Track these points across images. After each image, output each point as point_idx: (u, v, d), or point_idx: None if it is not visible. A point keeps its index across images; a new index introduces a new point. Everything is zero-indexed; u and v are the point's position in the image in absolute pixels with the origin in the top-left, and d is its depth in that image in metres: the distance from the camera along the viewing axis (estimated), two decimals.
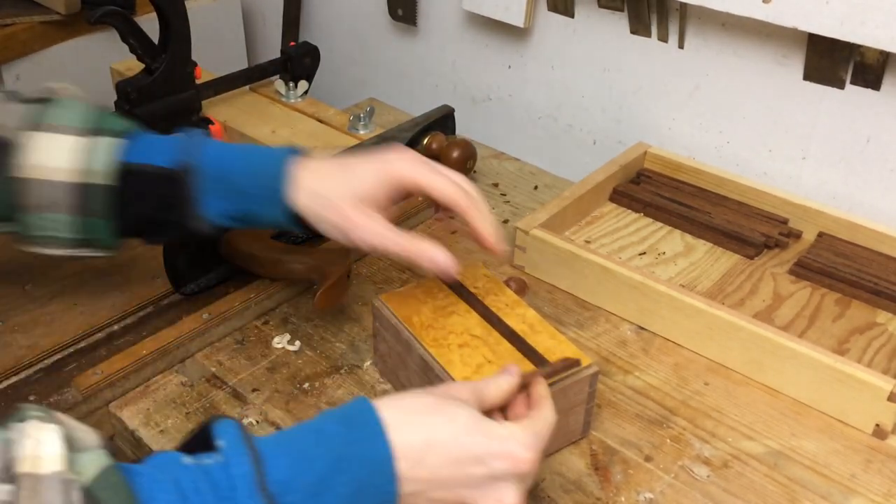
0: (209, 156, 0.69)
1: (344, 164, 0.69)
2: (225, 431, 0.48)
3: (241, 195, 0.69)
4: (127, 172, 0.69)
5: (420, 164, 0.68)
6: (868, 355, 0.80)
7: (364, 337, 0.83)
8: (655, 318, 0.83)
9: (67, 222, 0.69)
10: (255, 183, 0.68)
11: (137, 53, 1.02)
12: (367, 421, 0.51)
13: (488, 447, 0.52)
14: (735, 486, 0.68)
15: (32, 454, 0.43)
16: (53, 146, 0.67)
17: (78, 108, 0.70)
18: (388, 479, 0.50)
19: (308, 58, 1.22)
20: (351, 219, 0.66)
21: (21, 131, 0.68)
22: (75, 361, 0.78)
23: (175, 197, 0.69)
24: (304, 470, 0.48)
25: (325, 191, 0.67)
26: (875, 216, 0.95)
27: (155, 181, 0.69)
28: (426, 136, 1.04)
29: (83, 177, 0.67)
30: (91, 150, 0.68)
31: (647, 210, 1.00)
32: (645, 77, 1.08)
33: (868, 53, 0.88)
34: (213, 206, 0.69)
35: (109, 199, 0.68)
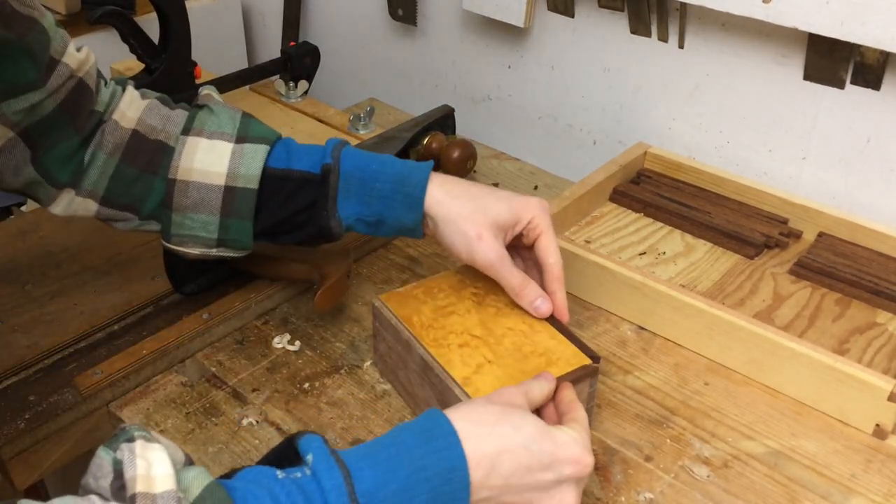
0: (351, 159, 0.73)
1: (479, 190, 0.73)
2: (311, 445, 0.51)
3: (380, 199, 0.72)
4: (271, 177, 0.73)
5: (546, 213, 0.73)
6: (868, 355, 0.80)
7: (364, 337, 0.83)
8: (655, 318, 0.83)
9: (212, 223, 0.73)
10: (396, 188, 0.71)
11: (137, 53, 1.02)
12: (442, 433, 0.53)
13: (555, 454, 0.55)
14: (735, 486, 0.68)
15: (145, 474, 0.45)
16: (212, 152, 0.72)
17: (228, 115, 0.74)
18: (463, 486, 0.52)
19: (308, 58, 1.22)
20: (483, 237, 0.70)
21: (183, 136, 0.73)
22: (75, 361, 0.78)
23: (314, 200, 0.73)
24: (388, 481, 0.51)
25: (462, 206, 0.71)
26: (875, 216, 0.95)
27: (296, 185, 0.73)
28: (426, 136, 1.04)
29: (232, 180, 0.72)
30: (241, 156, 0.72)
31: (647, 210, 1.00)
32: (645, 77, 1.08)
33: (868, 53, 0.88)
34: (350, 208, 0.73)
35: (252, 202, 0.72)
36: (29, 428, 0.71)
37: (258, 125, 0.75)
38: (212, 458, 0.70)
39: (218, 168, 0.72)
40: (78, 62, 0.70)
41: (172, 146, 0.73)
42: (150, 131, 0.73)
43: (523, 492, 0.55)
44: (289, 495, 0.48)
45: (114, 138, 0.72)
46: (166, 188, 0.72)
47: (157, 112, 0.74)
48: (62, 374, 0.77)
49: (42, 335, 0.81)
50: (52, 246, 0.93)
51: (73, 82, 0.69)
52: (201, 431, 0.72)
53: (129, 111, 0.74)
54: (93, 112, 0.72)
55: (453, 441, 0.53)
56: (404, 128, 1.05)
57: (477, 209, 0.70)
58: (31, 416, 0.72)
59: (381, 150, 0.99)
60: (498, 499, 0.54)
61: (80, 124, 0.71)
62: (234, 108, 0.76)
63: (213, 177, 0.72)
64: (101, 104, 0.73)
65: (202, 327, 0.80)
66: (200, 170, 0.72)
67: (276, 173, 0.73)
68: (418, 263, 0.95)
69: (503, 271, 0.70)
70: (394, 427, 0.55)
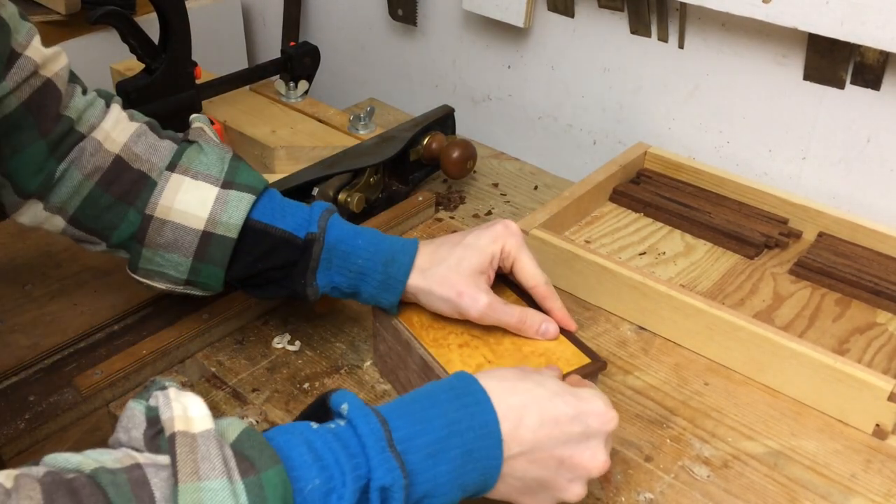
0: (336, 232, 0.72)
1: (451, 245, 0.72)
2: (345, 398, 0.52)
3: (359, 275, 0.71)
4: (251, 229, 0.71)
5: (516, 237, 0.72)
6: (868, 355, 0.80)
7: (364, 337, 0.83)
8: (655, 318, 0.83)
9: (183, 264, 0.71)
10: (378, 268, 0.70)
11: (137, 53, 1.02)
12: (472, 389, 0.54)
13: (580, 406, 0.56)
14: (735, 487, 0.68)
15: (183, 415, 0.45)
16: (195, 193, 0.70)
17: (217, 156, 0.72)
18: (495, 441, 0.53)
19: (308, 58, 1.22)
20: (463, 292, 0.69)
21: (167, 172, 0.70)
22: (75, 361, 0.78)
23: (293, 262, 0.71)
24: (422, 432, 0.51)
25: (439, 271, 0.70)
26: (875, 216, 0.95)
27: (276, 243, 0.71)
28: (426, 136, 1.04)
29: (212, 226, 0.70)
30: (225, 202, 0.70)
31: (647, 210, 1.00)
32: (645, 77, 1.08)
33: (868, 53, 0.88)
34: (328, 278, 0.72)
35: (229, 251, 0.70)
36: (29, 428, 0.71)
37: (246, 171, 0.72)
38: None
39: (199, 212, 0.69)
40: (44, 58, 0.67)
41: (155, 180, 0.71)
42: (134, 159, 0.71)
43: (553, 447, 0.55)
44: (325, 442, 0.48)
45: (94, 160, 0.70)
46: (141, 222, 0.70)
47: (143, 140, 0.72)
48: (62, 374, 0.77)
49: (42, 335, 0.81)
50: (52, 246, 0.93)
51: (38, 81, 0.66)
52: None
53: (115, 133, 0.71)
54: (60, 116, 0.69)
55: (483, 398, 0.54)
56: (404, 128, 1.05)
57: (449, 271, 0.69)
58: (31, 416, 0.72)
59: (381, 150, 0.99)
60: (530, 456, 0.54)
61: (45, 128, 0.67)
62: (224, 148, 0.73)
63: (192, 220, 0.69)
64: (73, 110, 0.70)
65: (202, 327, 0.80)
66: (180, 210, 0.69)
67: (257, 226, 0.71)
68: None
69: (497, 316, 0.69)
70: None
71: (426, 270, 0.70)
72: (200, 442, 0.44)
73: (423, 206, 1.01)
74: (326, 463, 0.48)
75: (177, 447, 0.43)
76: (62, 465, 0.43)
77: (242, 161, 0.73)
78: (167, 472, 0.43)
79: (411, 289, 0.71)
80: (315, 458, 0.48)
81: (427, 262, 0.71)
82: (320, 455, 0.48)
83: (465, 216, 1.04)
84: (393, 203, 1.01)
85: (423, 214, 1.02)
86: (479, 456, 0.52)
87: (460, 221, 1.03)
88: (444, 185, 1.10)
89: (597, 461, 0.56)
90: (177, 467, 0.43)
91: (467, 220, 1.03)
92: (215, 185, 0.70)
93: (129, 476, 0.43)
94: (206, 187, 0.70)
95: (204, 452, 0.43)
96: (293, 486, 0.46)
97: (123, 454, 0.45)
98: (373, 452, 0.49)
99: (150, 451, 0.45)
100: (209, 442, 0.44)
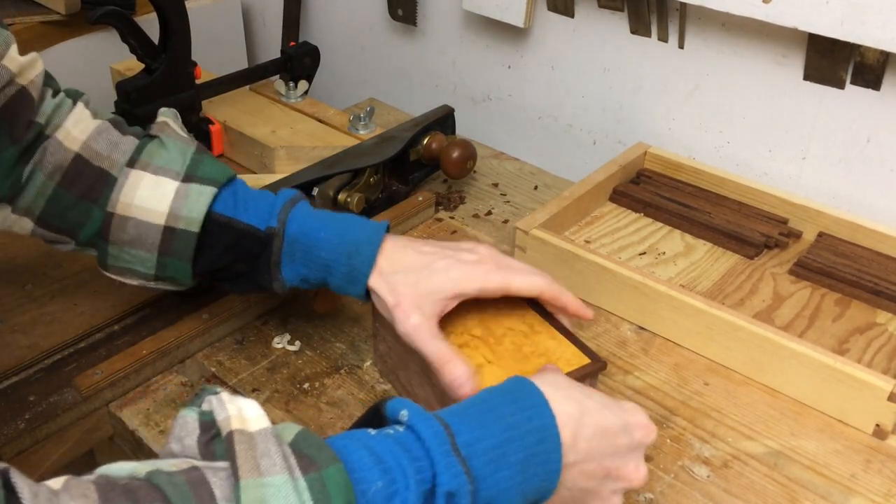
0: (297, 224, 0.70)
1: (421, 259, 0.68)
2: (403, 405, 0.50)
3: (323, 267, 0.70)
4: (213, 222, 0.70)
5: (494, 273, 0.68)
6: (868, 355, 0.80)
7: (364, 337, 0.83)
8: (655, 318, 0.83)
9: (149, 260, 0.71)
10: (341, 260, 0.69)
11: (137, 53, 1.02)
12: (529, 393, 0.53)
13: (626, 418, 0.57)
14: (735, 486, 0.68)
15: (238, 415, 0.44)
16: (155, 189, 0.69)
17: (179, 150, 0.71)
18: (555, 446, 0.52)
19: (308, 58, 1.22)
20: (403, 319, 0.66)
21: (127, 168, 0.70)
22: (75, 361, 0.78)
23: (257, 255, 0.71)
24: (483, 437, 0.50)
25: (395, 281, 0.68)
26: (875, 216, 0.95)
27: (239, 236, 0.71)
28: (426, 136, 1.04)
29: (173, 221, 0.69)
30: (185, 196, 0.69)
31: (647, 210, 1.00)
32: (645, 77, 1.08)
33: (868, 53, 0.88)
34: (294, 271, 0.71)
35: (192, 245, 0.70)
36: (29, 428, 0.71)
37: (209, 164, 0.71)
38: None
39: (159, 207, 0.69)
40: (20, 66, 0.66)
41: (115, 176, 0.70)
42: (94, 157, 0.70)
43: (603, 458, 0.55)
44: (386, 446, 0.47)
45: (54, 159, 0.69)
46: (104, 220, 0.70)
47: (105, 136, 0.71)
48: (62, 374, 0.77)
49: (42, 335, 0.81)
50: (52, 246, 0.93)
51: (12, 89, 0.66)
52: None
53: (75, 131, 0.70)
54: (31, 123, 0.68)
55: (541, 401, 0.53)
56: (404, 128, 1.05)
57: (409, 282, 0.67)
58: (31, 416, 0.72)
59: (381, 150, 0.99)
60: (583, 466, 0.54)
61: (17, 135, 0.67)
62: (187, 142, 0.73)
63: (152, 215, 0.69)
64: (42, 115, 0.69)
65: (202, 327, 0.80)
66: (141, 206, 0.69)
67: (219, 219, 0.70)
68: None
69: (422, 345, 0.65)
70: None
71: (385, 274, 0.68)
72: (259, 439, 0.43)
73: (423, 206, 1.01)
74: (388, 466, 0.46)
75: (235, 444, 0.42)
76: (115, 474, 0.42)
77: (206, 154, 0.73)
78: (226, 472, 0.42)
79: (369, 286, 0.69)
80: (376, 460, 0.46)
81: (388, 264, 0.69)
82: (382, 458, 0.46)
83: (465, 216, 1.04)
84: (393, 203, 1.01)
85: (423, 214, 1.02)
86: (540, 461, 0.51)
87: (460, 221, 1.03)
88: (444, 185, 1.10)
89: (640, 473, 0.57)
90: (237, 464, 0.41)
91: (467, 220, 1.03)
92: (175, 179, 0.70)
93: (187, 477, 0.41)
94: (167, 182, 0.69)
95: (263, 449, 0.42)
96: (355, 489, 0.44)
97: (179, 459, 0.44)
98: (438, 456, 0.47)
99: (206, 458, 0.44)
100: (268, 439, 0.43)
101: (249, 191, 0.73)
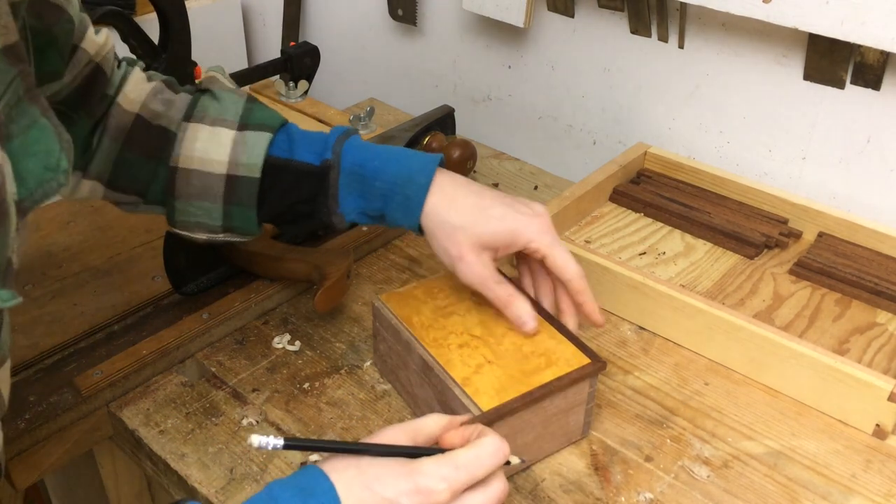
0: (352, 155, 0.71)
1: (479, 201, 0.70)
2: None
3: (380, 197, 0.70)
4: (272, 166, 0.71)
5: (547, 233, 0.70)
6: (868, 355, 0.80)
7: (364, 337, 0.83)
8: (655, 318, 0.83)
9: (215, 210, 0.72)
10: (392, 189, 0.70)
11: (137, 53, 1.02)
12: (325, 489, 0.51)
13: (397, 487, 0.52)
14: (735, 486, 0.68)
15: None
16: (213, 139, 0.71)
17: (231, 101, 0.73)
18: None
19: (308, 58, 1.22)
20: (464, 258, 0.68)
21: (185, 123, 0.72)
22: (75, 361, 0.78)
23: (316, 192, 0.72)
24: None
25: (453, 221, 0.69)
26: (875, 216, 0.95)
27: (297, 176, 0.72)
28: (426, 136, 1.04)
29: (234, 169, 0.71)
30: (243, 143, 0.71)
31: (647, 210, 1.00)
32: (645, 77, 1.08)
33: (868, 53, 0.88)
34: (353, 203, 0.72)
35: (255, 191, 0.71)
36: (29, 428, 0.71)
37: (262, 110, 0.73)
38: (212, 458, 0.70)
39: (219, 156, 0.71)
40: (97, 47, 0.69)
41: (175, 132, 0.72)
42: (154, 116, 0.72)
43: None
44: None
45: (117, 122, 0.71)
46: (168, 176, 0.71)
47: (160, 96, 0.73)
48: (62, 374, 0.77)
49: (42, 335, 0.81)
50: (52, 246, 0.93)
51: (89, 68, 0.69)
52: (201, 431, 0.72)
53: (133, 94, 0.72)
54: (104, 96, 0.71)
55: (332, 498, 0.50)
56: (404, 128, 1.05)
57: (466, 225, 0.68)
58: (31, 416, 0.72)
59: None
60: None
61: (90, 109, 0.70)
62: (238, 93, 0.75)
63: (214, 165, 0.71)
64: (111, 87, 0.72)
65: (202, 327, 0.80)
66: (202, 158, 0.71)
67: (277, 162, 0.72)
68: (418, 263, 0.95)
69: (487, 291, 0.69)
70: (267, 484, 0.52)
71: (450, 208, 0.69)
72: None
73: None
74: None
75: None
76: None
77: (257, 102, 0.74)
78: None
79: (426, 219, 0.70)
80: None
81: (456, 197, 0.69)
82: None
83: None
84: None
85: None
86: None
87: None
88: None
89: None
90: None
91: None
92: (231, 128, 0.71)
93: None
94: (223, 132, 0.71)
95: None
96: None
97: None
98: None
99: None
100: None
101: (303, 132, 0.74)
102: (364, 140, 0.74)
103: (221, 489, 0.67)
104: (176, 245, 0.83)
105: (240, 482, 0.68)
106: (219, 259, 0.87)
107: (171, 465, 0.69)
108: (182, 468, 0.69)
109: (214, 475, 0.68)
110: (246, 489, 0.67)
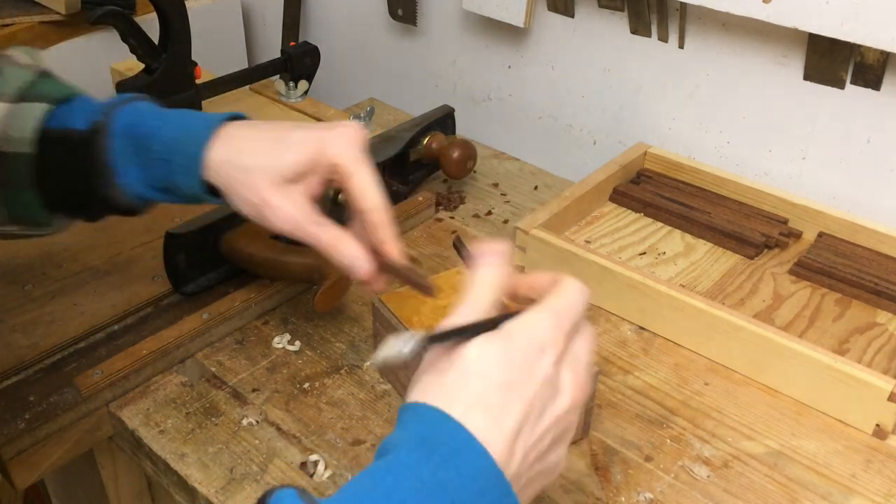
0: (125, 117, 0.62)
1: (275, 135, 0.60)
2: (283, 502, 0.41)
3: (157, 162, 0.61)
4: (49, 139, 0.62)
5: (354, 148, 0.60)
6: (868, 355, 0.80)
7: (364, 337, 0.83)
8: (655, 318, 0.83)
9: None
10: (171, 149, 0.60)
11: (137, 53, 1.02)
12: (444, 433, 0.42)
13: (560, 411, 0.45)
14: (735, 486, 0.68)
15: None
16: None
17: (15, 75, 0.64)
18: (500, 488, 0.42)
19: (308, 58, 1.22)
20: (269, 202, 0.58)
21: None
22: (75, 361, 0.78)
23: (89, 162, 0.62)
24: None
25: (244, 163, 0.59)
26: (875, 216, 0.95)
27: (73, 147, 0.62)
28: (426, 136, 1.04)
29: (3, 145, 0.62)
30: (14, 117, 0.62)
31: (647, 210, 1.00)
32: (645, 77, 1.08)
33: (868, 53, 0.88)
34: (132, 174, 0.63)
35: (28, 170, 0.62)
36: (29, 428, 0.71)
37: (51, 84, 0.64)
38: (212, 458, 0.70)
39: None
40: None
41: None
42: None
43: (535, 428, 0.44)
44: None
45: None
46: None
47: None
48: (62, 374, 0.77)
49: (42, 335, 0.81)
50: (52, 246, 0.93)
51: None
52: (201, 431, 0.72)
53: None
54: None
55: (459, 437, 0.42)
56: (404, 128, 1.05)
57: (262, 164, 0.58)
58: (31, 416, 0.72)
59: (381, 151, 0.99)
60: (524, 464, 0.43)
61: None
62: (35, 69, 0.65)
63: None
64: None
65: (202, 327, 0.80)
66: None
67: (55, 134, 0.62)
68: (418, 263, 0.95)
69: (305, 236, 0.58)
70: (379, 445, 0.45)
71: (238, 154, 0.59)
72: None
73: (424, 206, 1.01)
74: None
75: None
76: None
77: (52, 76, 0.65)
78: None
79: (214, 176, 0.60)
80: None
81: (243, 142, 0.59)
82: None
83: (465, 216, 1.04)
84: (393, 203, 1.01)
85: (424, 214, 1.02)
86: None
87: (461, 221, 1.03)
88: (445, 185, 1.10)
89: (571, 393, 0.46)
90: None
91: (467, 220, 1.03)
92: (6, 101, 0.62)
93: None
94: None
95: None
96: None
97: None
98: None
99: None
100: None
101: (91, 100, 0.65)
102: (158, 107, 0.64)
103: (221, 489, 0.67)
104: (176, 245, 0.83)
105: (240, 482, 0.68)
106: (219, 259, 0.87)
107: (171, 465, 0.69)
108: (182, 468, 0.69)
109: (214, 475, 0.68)
110: (246, 489, 0.67)
